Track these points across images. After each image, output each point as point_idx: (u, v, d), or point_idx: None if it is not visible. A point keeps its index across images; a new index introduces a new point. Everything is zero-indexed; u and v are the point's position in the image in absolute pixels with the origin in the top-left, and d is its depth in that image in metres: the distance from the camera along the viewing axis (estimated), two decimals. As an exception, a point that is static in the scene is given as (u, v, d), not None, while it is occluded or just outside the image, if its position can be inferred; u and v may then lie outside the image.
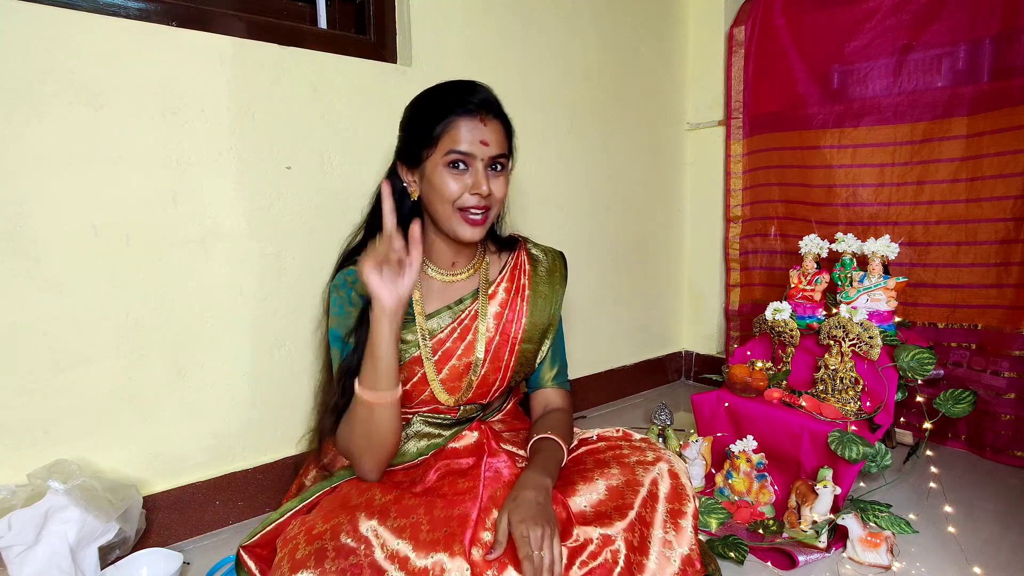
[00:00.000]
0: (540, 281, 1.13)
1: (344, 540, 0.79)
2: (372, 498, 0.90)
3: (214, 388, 1.30)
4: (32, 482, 1.05)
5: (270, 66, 1.30)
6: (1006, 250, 1.60)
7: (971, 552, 1.19)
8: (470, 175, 0.96)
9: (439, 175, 0.96)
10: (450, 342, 1.05)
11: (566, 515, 0.91)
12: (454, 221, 0.98)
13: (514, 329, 1.09)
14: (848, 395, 1.39)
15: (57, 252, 1.10)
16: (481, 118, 0.96)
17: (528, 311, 1.11)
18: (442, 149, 0.95)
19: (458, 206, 0.97)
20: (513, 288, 1.11)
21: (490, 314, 1.08)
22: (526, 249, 1.17)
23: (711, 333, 2.34)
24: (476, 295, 1.08)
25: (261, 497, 1.37)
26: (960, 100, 1.64)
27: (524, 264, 1.14)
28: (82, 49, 1.09)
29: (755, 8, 2.03)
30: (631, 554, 0.87)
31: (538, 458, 0.97)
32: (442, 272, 1.07)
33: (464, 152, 0.95)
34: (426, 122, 0.97)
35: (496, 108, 0.99)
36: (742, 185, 2.14)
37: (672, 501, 0.93)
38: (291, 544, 0.81)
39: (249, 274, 1.31)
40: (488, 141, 0.96)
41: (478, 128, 0.95)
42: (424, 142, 0.97)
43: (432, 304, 1.06)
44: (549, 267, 1.16)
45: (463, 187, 0.96)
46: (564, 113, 1.87)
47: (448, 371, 1.05)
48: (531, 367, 1.14)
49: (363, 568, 0.77)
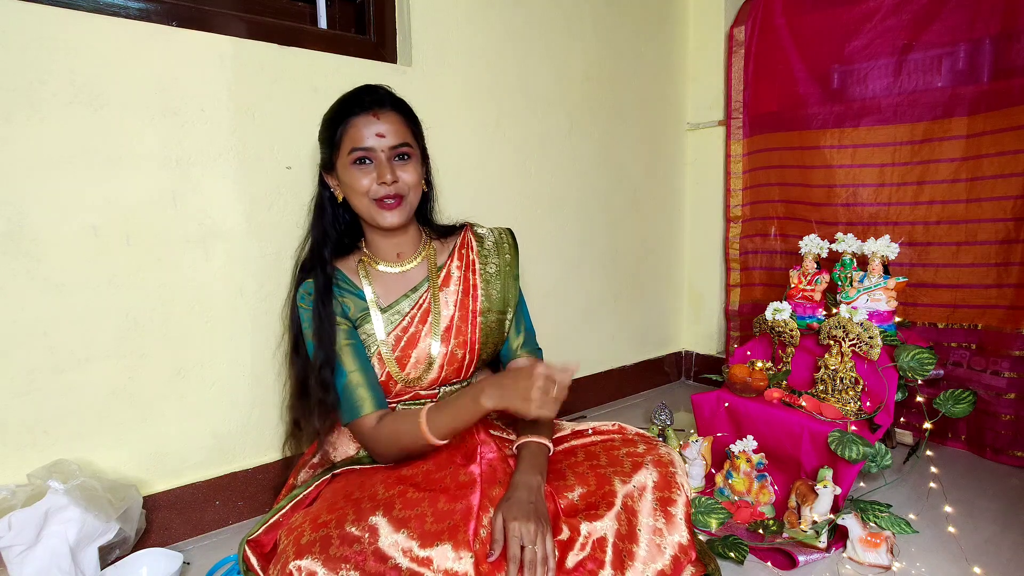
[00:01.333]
0: (488, 253, 1.18)
1: (349, 528, 0.81)
2: (375, 492, 0.91)
3: (214, 388, 1.30)
4: (32, 482, 1.05)
5: (270, 66, 1.30)
6: (1006, 250, 1.60)
7: (971, 552, 1.19)
8: (374, 168, 1.03)
9: (349, 173, 1.04)
10: (413, 326, 1.10)
11: (554, 509, 0.93)
12: (372, 211, 1.05)
13: (471, 302, 1.13)
14: (848, 395, 1.39)
15: (57, 252, 1.10)
16: (374, 113, 1.03)
17: (482, 284, 1.15)
18: (345, 149, 1.03)
19: (372, 197, 1.04)
20: (463, 265, 1.16)
21: (447, 292, 1.13)
22: (471, 230, 1.22)
23: (711, 333, 2.34)
24: (429, 279, 1.13)
25: (261, 497, 1.37)
26: (960, 100, 1.64)
27: (471, 242, 1.19)
28: (82, 49, 1.09)
29: (755, 8, 2.03)
30: (619, 542, 0.89)
31: (525, 457, 1.00)
32: (391, 264, 1.13)
33: (364, 148, 1.02)
34: (331, 129, 1.06)
35: (390, 102, 1.06)
36: (742, 185, 2.14)
37: (661, 490, 0.95)
38: (296, 532, 0.83)
39: (249, 274, 1.31)
40: (384, 133, 1.02)
41: (372, 123, 1.02)
42: (332, 147, 1.06)
43: (391, 296, 1.11)
44: (496, 240, 1.21)
45: (371, 180, 1.03)
46: (564, 113, 1.87)
47: (416, 355, 1.09)
48: (499, 337, 1.16)
49: (367, 556, 0.78)
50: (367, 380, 1.03)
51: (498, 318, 1.15)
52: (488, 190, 1.71)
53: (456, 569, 0.80)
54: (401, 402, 1.11)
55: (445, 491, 0.92)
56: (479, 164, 1.68)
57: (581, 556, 0.88)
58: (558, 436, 1.10)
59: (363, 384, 1.02)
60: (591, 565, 0.87)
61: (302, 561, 0.77)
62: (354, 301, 1.09)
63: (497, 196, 1.73)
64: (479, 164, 1.68)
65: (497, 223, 1.27)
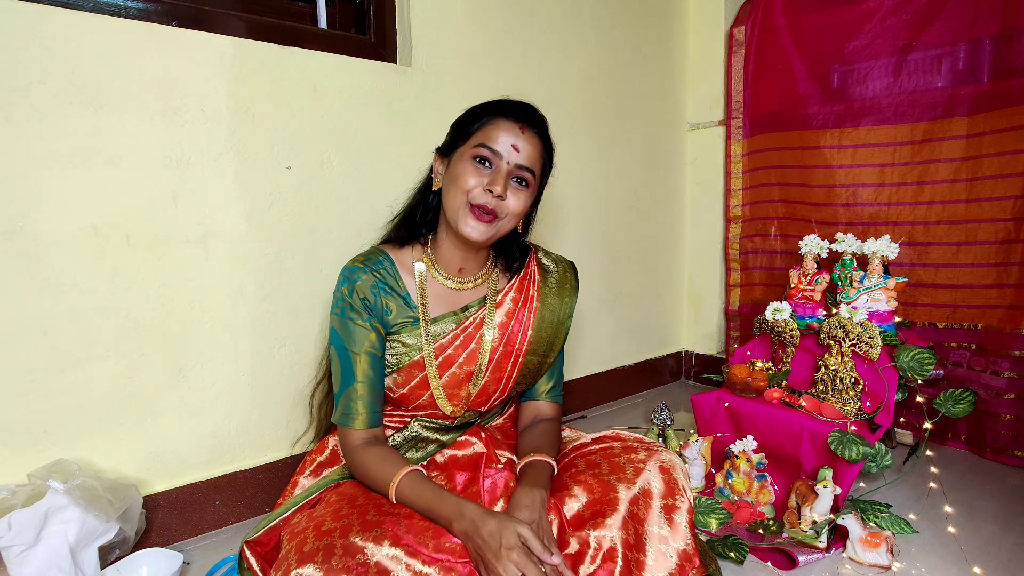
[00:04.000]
0: (549, 293, 1.12)
1: (352, 539, 0.80)
2: (380, 503, 0.90)
3: (214, 388, 1.30)
4: (32, 482, 1.05)
5: (270, 66, 1.30)
6: (1006, 250, 1.60)
7: (971, 552, 1.19)
8: (490, 173, 0.97)
9: (462, 164, 0.97)
10: (452, 348, 1.04)
11: (560, 522, 0.91)
12: (460, 213, 0.97)
13: (519, 341, 1.08)
14: (848, 395, 1.39)
15: (57, 252, 1.10)
16: (521, 126, 0.98)
17: (535, 323, 1.09)
18: (474, 141, 0.98)
19: (470, 200, 0.97)
20: (521, 299, 1.10)
21: (495, 323, 1.06)
22: (536, 259, 1.16)
23: (711, 333, 2.34)
24: (483, 303, 1.07)
25: (261, 497, 1.36)
26: (960, 100, 1.64)
27: (534, 274, 1.13)
28: (82, 49, 1.09)
29: (755, 8, 2.03)
30: (628, 552, 0.88)
31: (528, 474, 0.97)
32: (449, 277, 1.06)
33: (492, 149, 0.96)
34: (472, 118, 1.01)
35: (540, 125, 1.01)
36: (742, 185, 2.14)
37: (665, 497, 0.94)
38: (299, 537, 0.82)
39: (249, 274, 1.31)
40: (520, 148, 0.97)
41: (514, 133, 0.97)
42: (462, 135, 1.00)
43: (437, 309, 1.05)
44: (559, 278, 1.15)
45: (479, 182, 0.96)
46: (564, 113, 1.87)
47: (448, 378, 1.04)
48: (533, 379, 1.13)
49: (369, 568, 0.77)
50: (370, 395, 1.00)
51: (540, 361, 1.11)
52: (488, 190, 1.71)
53: None
54: (417, 418, 1.08)
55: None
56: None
57: (592, 568, 0.86)
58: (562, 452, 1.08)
59: (364, 398, 0.99)
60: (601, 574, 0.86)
61: (304, 569, 0.76)
62: (398, 305, 1.02)
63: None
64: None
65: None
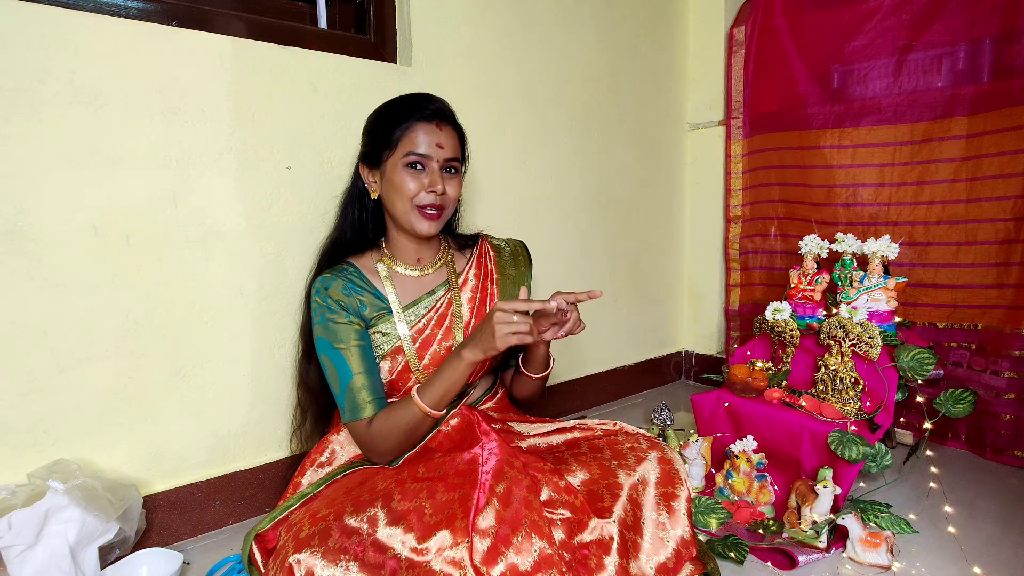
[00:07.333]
0: (506, 264, 1.24)
1: (347, 520, 0.82)
2: (375, 485, 0.92)
3: (214, 388, 1.30)
4: (32, 482, 1.05)
5: (270, 66, 1.30)
6: (1006, 250, 1.60)
7: (971, 552, 1.19)
8: (426, 175, 1.06)
9: (398, 175, 1.06)
10: (429, 329, 1.12)
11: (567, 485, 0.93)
12: (412, 216, 1.07)
13: (487, 309, 1.16)
14: (848, 395, 1.39)
15: (57, 252, 1.10)
16: (437, 124, 1.07)
17: (499, 292, 1.20)
18: (401, 151, 1.06)
19: (415, 203, 1.07)
20: (482, 273, 1.21)
21: (464, 299, 1.17)
22: (488, 241, 1.28)
23: (711, 333, 2.34)
24: (447, 285, 1.16)
25: (261, 497, 1.36)
26: (960, 100, 1.64)
27: (488, 252, 1.25)
28: (82, 49, 1.09)
29: (755, 8, 2.03)
30: (624, 531, 0.90)
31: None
32: (410, 268, 1.16)
33: (421, 154, 1.05)
34: (387, 127, 1.07)
35: (450, 117, 1.11)
36: (742, 185, 2.14)
37: (664, 485, 0.97)
38: (296, 527, 0.84)
39: (249, 274, 1.31)
40: (443, 144, 1.06)
41: (434, 132, 1.06)
42: (384, 145, 1.07)
43: (407, 297, 1.14)
44: (512, 252, 1.27)
45: (420, 186, 1.06)
46: (563, 113, 1.87)
47: (431, 356, 1.11)
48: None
49: (366, 546, 0.79)
50: (371, 383, 1.04)
51: None
52: (488, 190, 1.71)
53: (454, 556, 0.81)
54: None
55: (444, 479, 0.93)
56: (479, 164, 1.68)
57: (590, 539, 0.88)
58: (561, 427, 1.11)
59: (367, 387, 1.03)
60: (598, 549, 0.88)
61: (301, 555, 0.77)
62: (370, 300, 1.11)
63: (497, 196, 1.73)
64: (479, 164, 1.68)
65: (497, 223, 1.28)
